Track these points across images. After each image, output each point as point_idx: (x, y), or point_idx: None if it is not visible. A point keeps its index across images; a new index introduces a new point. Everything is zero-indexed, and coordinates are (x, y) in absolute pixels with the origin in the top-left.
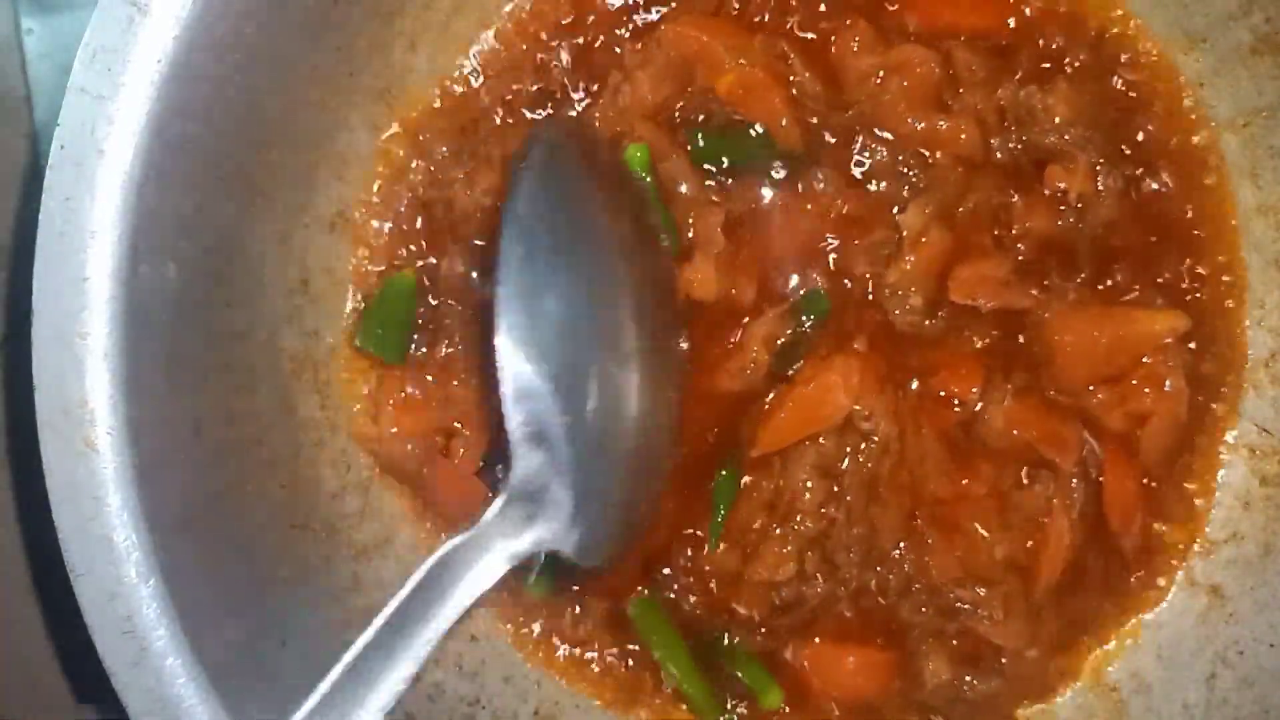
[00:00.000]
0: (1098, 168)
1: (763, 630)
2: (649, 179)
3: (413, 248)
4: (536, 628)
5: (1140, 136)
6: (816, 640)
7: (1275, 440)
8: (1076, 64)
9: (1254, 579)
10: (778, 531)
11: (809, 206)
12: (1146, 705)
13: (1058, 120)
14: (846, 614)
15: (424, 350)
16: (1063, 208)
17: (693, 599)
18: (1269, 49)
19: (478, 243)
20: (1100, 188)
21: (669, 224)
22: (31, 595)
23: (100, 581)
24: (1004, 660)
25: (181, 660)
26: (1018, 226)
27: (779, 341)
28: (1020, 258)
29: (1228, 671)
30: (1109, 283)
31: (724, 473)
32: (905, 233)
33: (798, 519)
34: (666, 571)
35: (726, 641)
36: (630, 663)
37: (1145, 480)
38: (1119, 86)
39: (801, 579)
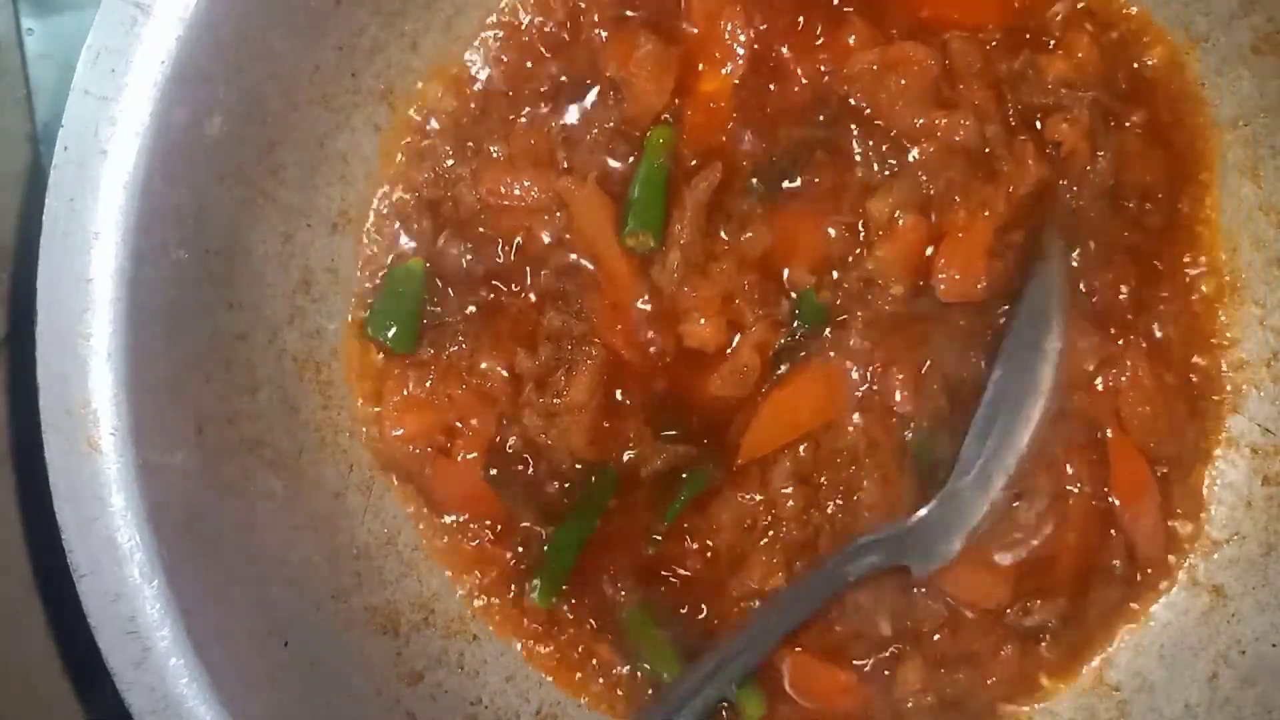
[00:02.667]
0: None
1: None
2: (664, 163)
3: (417, 246)
4: (537, 632)
5: (1141, 125)
6: (799, 651)
7: (1277, 440)
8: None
9: (1256, 578)
10: (763, 542)
11: (799, 205)
12: (1149, 705)
13: (1053, 78)
14: (835, 627)
15: (428, 350)
16: (1062, 192)
17: (684, 608)
18: (1270, 48)
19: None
20: (1100, 154)
21: (660, 214)
22: (34, 596)
23: (104, 582)
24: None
25: (184, 660)
26: (1010, 187)
27: (773, 349)
28: (1005, 237)
29: (1230, 671)
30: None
31: (696, 470)
32: (873, 222)
33: (782, 526)
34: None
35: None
36: (628, 667)
37: (1155, 470)
38: (1121, 84)
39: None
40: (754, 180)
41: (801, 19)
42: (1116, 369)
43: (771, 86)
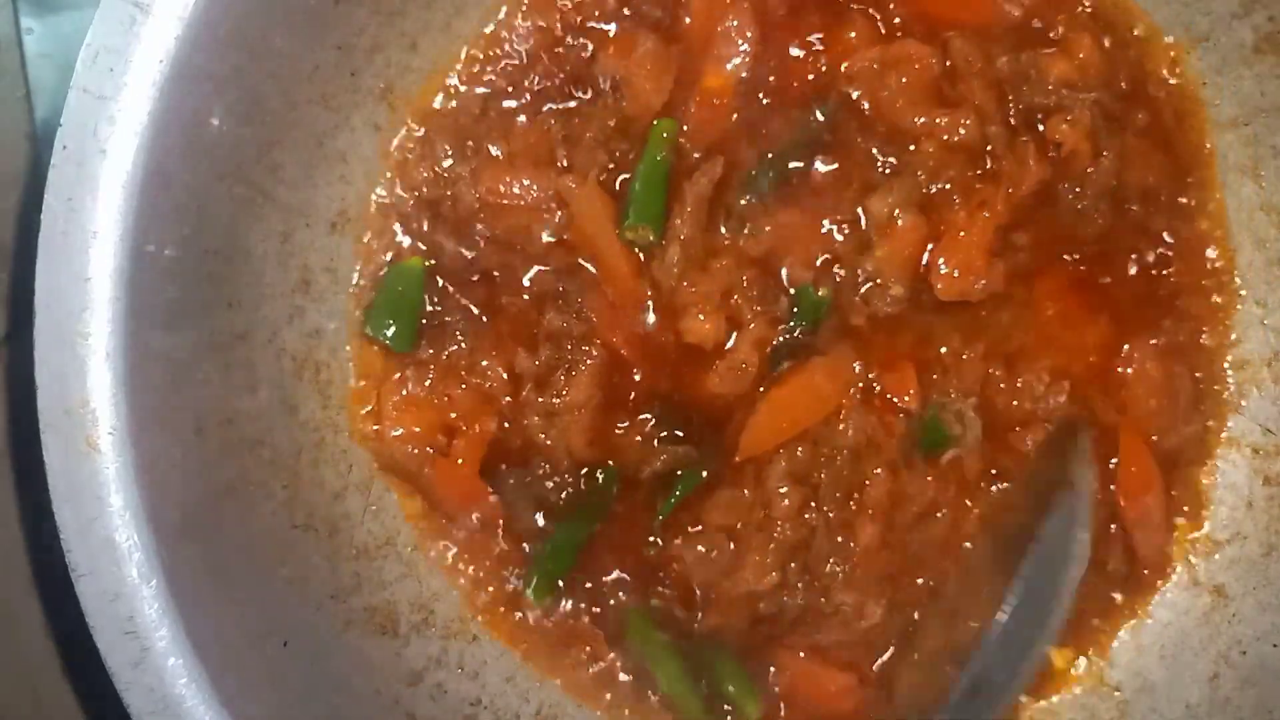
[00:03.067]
0: (1098, 127)
1: (747, 640)
2: (666, 156)
3: (417, 246)
4: (535, 634)
5: (1143, 126)
6: (801, 655)
7: (1278, 440)
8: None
9: (1257, 579)
10: (756, 542)
11: (799, 203)
12: (1149, 705)
13: (1054, 79)
14: (829, 626)
15: (428, 350)
16: (1063, 193)
17: (680, 610)
18: (1271, 48)
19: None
20: (1104, 155)
21: (660, 208)
22: (33, 596)
23: (102, 582)
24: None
25: (183, 661)
26: (1010, 187)
27: (771, 347)
28: (1007, 237)
29: (1230, 671)
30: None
31: (690, 469)
32: (873, 222)
33: (777, 526)
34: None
35: (714, 652)
36: (627, 669)
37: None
38: (1121, 85)
39: (784, 589)
40: (754, 176)
41: (804, 16)
42: (1123, 362)
43: (773, 82)
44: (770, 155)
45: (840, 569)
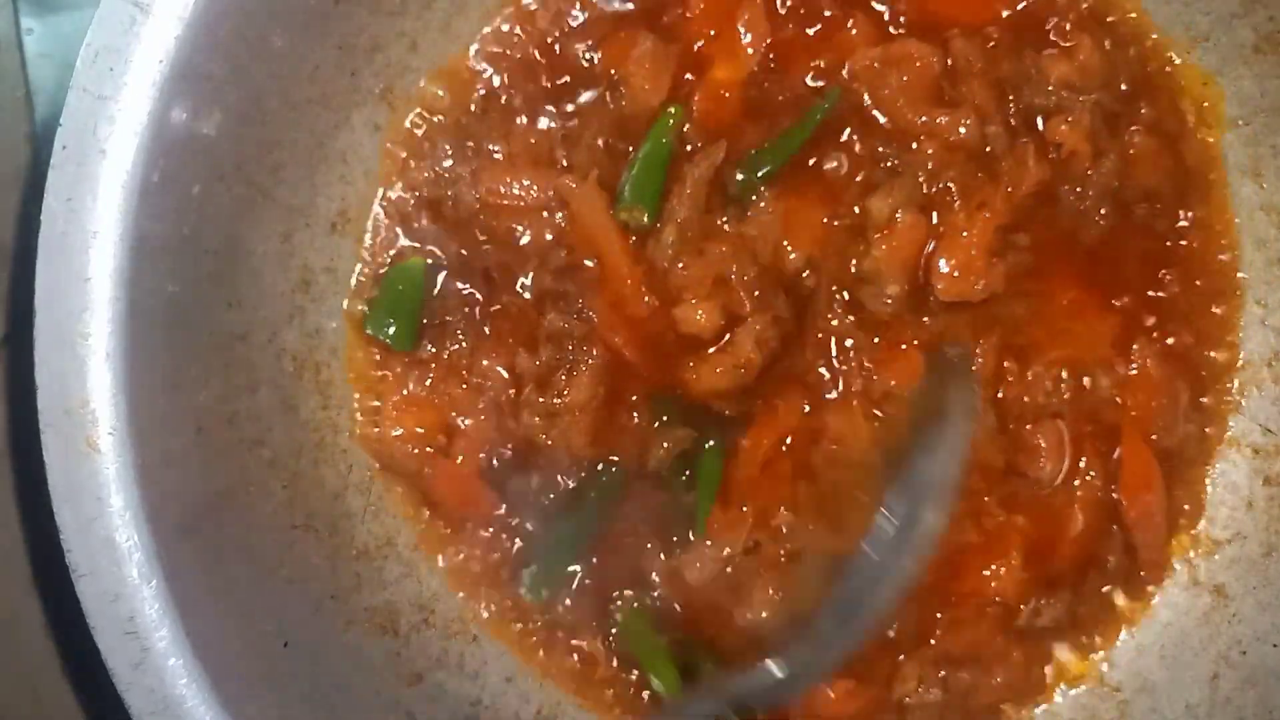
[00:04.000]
0: (1098, 129)
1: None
2: (670, 140)
3: (417, 246)
4: (534, 633)
5: (1144, 127)
6: None
7: (1278, 440)
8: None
9: (1257, 579)
10: (760, 573)
11: (797, 199)
12: (1150, 705)
13: (1055, 80)
14: None
15: (428, 349)
16: (1065, 194)
17: (677, 611)
18: (1271, 48)
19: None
20: (1105, 155)
21: (657, 190)
22: (33, 596)
23: (102, 582)
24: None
25: (184, 661)
26: (1009, 187)
27: (771, 343)
28: (1008, 237)
29: (1231, 671)
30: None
31: (708, 447)
32: (872, 221)
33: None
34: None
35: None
36: (625, 670)
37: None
38: (1122, 85)
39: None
40: (754, 161)
41: (810, 12)
42: (1124, 361)
43: (777, 77)
44: (769, 146)
45: None
